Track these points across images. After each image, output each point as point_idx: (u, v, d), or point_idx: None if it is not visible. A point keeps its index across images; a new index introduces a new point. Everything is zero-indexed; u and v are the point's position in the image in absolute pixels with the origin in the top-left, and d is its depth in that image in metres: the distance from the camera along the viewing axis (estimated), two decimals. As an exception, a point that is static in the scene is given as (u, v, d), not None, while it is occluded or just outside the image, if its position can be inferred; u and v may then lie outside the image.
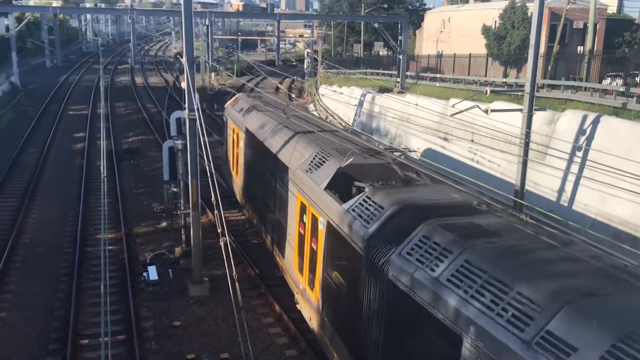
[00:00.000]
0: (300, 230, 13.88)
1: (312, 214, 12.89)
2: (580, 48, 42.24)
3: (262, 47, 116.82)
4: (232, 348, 13.78)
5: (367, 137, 16.67)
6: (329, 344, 12.01)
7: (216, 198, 11.39)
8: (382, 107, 37.80)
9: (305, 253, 13.47)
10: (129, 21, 53.23)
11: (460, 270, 7.86)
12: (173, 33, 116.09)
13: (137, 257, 18.76)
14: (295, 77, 61.40)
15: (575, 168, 22.02)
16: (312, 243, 12.91)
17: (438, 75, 42.28)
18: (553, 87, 29.49)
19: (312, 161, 13.76)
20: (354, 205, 10.93)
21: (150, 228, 21.22)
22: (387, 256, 9.28)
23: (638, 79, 29.76)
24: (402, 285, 8.70)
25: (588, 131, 22.42)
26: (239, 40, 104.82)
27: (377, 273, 9.43)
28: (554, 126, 24.09)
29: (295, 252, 14.27)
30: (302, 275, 13.68)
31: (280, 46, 66.46)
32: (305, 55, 61.23)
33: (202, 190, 16.49)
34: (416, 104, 30.15)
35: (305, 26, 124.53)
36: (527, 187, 20.78)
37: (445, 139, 28.80)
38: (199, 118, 14.61)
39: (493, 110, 20.70)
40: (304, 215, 13.50)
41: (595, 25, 34.72)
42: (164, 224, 21.24)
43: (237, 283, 10.12)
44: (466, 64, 42.67)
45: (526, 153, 19.70)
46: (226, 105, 25.18)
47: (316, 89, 54.23)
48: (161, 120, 39.60)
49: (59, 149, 32.93)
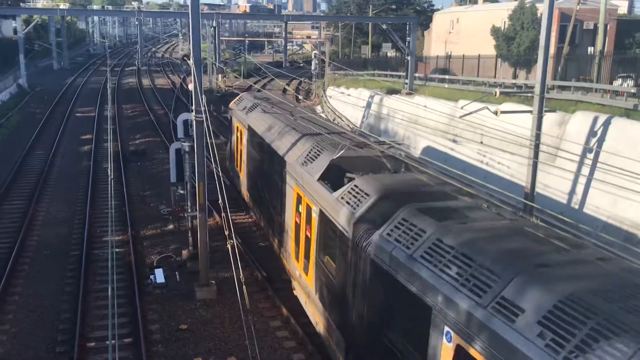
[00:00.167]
0: (296, 219, 14.63)
1: (307, 204, 13.62)
2: (590, 49, 41.97)
3: (269, 49, 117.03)
4: (239, 351, 13.66)
5: (367, 135, 16.73)
6: (321, 324, 12.75)
7: (223, 201, 11.28)
8: (390, 109, 37.63)
9: (301, 241, 14.19)
10: (136, 23, 53.23)
11: (432, 247, 8.71)
12: (180, 35, 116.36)
13: (144, 260, 18.67)
14: (302, 79, 61.35)
15: (586, 170, 21.78)
16: (307, 231, 13.63)
17: (447, 76, 42.02)
18: (563, 89, 29.22)
19: (308, 155, 14.57)
20: (343, 193, 11.73)
21: (157, 230, 21.14)
22: (370, 237, 10.11)
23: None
24: (382, 262, 9.54)
25: (599, 133, 22.18)
26: (246, 41, 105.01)
27: (361, 253, 10.28)
28: (565, 128, 23.87)
29: (292, 241, 14.99)
30: (298, 262, 14.41)
31: (287, 47, 66.41)
32: (312, 56, 61.10)
33: (209, 192, 16.39)
34: (425, 106, 29.95)
35: (312, 27, 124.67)
36: (537, 189, 20.55)
37: (454, 141, 28.59)
38: (206, 120, 14.51)
39: (503, 111, 20.48)
40: (300, 205, 14.27)
41: (605, 26, 34.42)
42: (171, 227, 21.15)
43: (244, 286, 10.01)
44: (475, 65, 42.45)
45: (536, 155, 19.49)
46: (231, 104, 25.87)
47: (324, 91, 54.14)
48: (168, 122, 39.60)
49: (66, 151, 32.97)
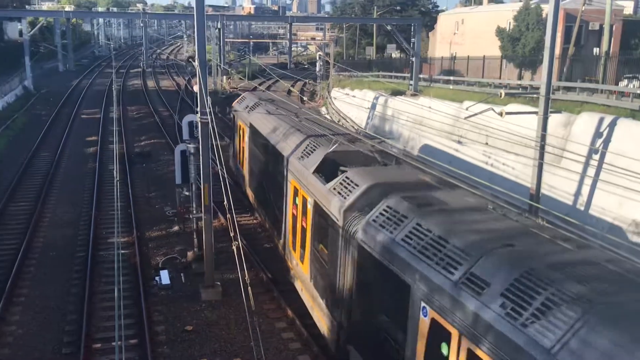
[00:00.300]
0: (293, 211, 15.39)
1: (303, 196, 14.39)
2: (596, 50, 41.81)
3: (274, 50, 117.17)
4: (245, 353, 13.66)
5: (372, 136, 17.14)
6: (315, 309, 13.49)
7: (228, 202, 11.28)
8: (395, 110, 37.60)
9: (297, 231, 14.93)
10: (141, 25, 53.39)
11: (412, 231, 9.51)
12: (185, 36, 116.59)
13: (149, 261, 18.70)
14: (307, 80, 61.35)
15: (591, 171, 21.71)
16: (303, 222, 14.40)
17: (451, 77, 41.96)
18: (569, 90, 29.14)
19: (304, 150, 15.40)
20: (335, 184, 12.55)
21: (162, 232, 21.17)
22: (358, 224, 10.96)
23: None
24: (368, 246, 10.36)
25: (604, 134, 22.11)
26: (251, 43, 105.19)
27: (350, 238, 11.14)
28: (570, 129, 23.80)
29: (290, 232, 15.78)
30: (295, 251, 15.17)
31: (292, 49, 66.45)
32: (317, 58, 61.13)
33: (214, 193, 16.41)
34: (430, 107, 29.93)
35: (317, 29, 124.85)
36: (543, 191, 20.50)
37: (459, 142, 28.55)
38: (211, 121, 14.54)
39: (508, 112, 20.46)
40: (297, 198, 15.02)
41: (611, 26, 34.34)
42: (176, 228, 21.18)
43: (250, 287, 10.01)
44: (480, 66, 42.37)
45: (542, 156, 19.45)
46: (234, 103, 26.62)
47: (328, 92, 54.13)
48: (173, 123, 39.67)
49: (72, 153, 33.06)
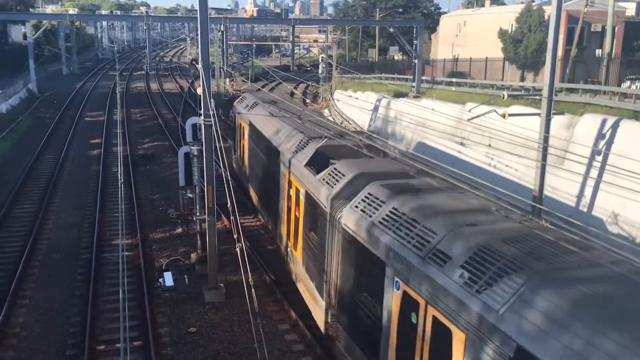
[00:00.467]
0: (287, 203, 16.36)
1: (296, 188, 15.32)
2: (598, 51, 41.79)
3: (277, 53, 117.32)
4: (248, 354, 13.69)
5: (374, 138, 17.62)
6: (306, 291, 14.47)
7: (232, 204, 11.32)
8: (398, 112, 37.63)
9: (291, 221, 15.89)
10: (144, 28, 53.53)
11: (388, 214, 10.40)
12: (188, 39, 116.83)
13: (153, 263, 18.75)
14: (310, 82, 61.42)
15: (594, 173, 21.70)
16: (296, 212, 15.35)
17: (454, 79, 41.97)
18: (571, 91, 29.14)
19: (298, 145, 16.40)
20: (324, 175, 13.50)
21: (165, 234, 21.23)
22: (342, 209, 11.91)
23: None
24: (351, 230, 11.28)
25: (607, 135, 22.11)
26: (254, 45, 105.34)
27: (336, 224, 12.10)
28: (573, 130, 23.80)
29: (284, 222, 16.72)
30: (290, 240, 16.16)
31: (294, 51, 66.54)
32: (319, 60, 61.22)
33: (218, 195, 16.46)
34: (432, 109, 29.95)
35: (319, 31, 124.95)
36: (546, 192, 20.50)
37: (462, 144, 28.56)
38: (215, 124, 14.59)
39: (510, 114, 20.48)
40: (291, 189, 15.98)
41: (613, 28, 34.31)
42: (180, 230, 21.23)
43: (253, 289, 10.04)
44: (482, 68, 42.38)
45: (544, 157, 19.45)
46: (235, 103, 27.52)
47: (331, 94, 54.20)
48: (176, 126, 39.76)
49: (76, 155, 33.16)
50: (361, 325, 11.13)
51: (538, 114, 19.78)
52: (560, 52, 31.59)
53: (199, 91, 16.06)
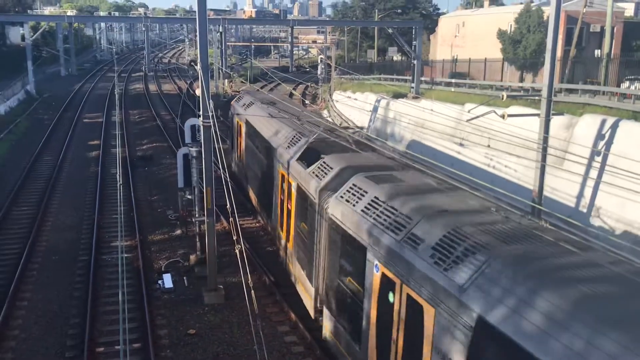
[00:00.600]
0: (280, 196, 17.16)
1: (289, 181, 16.08)
2: (597, 52, 41.81)
3: (275, 54, 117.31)
4: (248, 356, 13.67)
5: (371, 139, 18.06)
6: (298, 280, 15.23)
7: (231, 205, 11.29)
8: (397, 113, 37.62)
9: (284, 213, 16.67)
10: (143, 29, 53.49)
11: (370, 203, 11.18)
12: (186, 40, 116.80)
13: (152, 265, 18.71)
14: (309, 83, 61.40)
15: (594, 173, 21.69)
16: (288, 204, 16.11)
17: (453, 80, 41.97)
18: (570, 92, 29.17)
19: (291, 140, 17.16)
20: (314, 168, 14.28)
21: (164, 236, 21.19)
22: (329, 200, 12.69)
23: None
24: (336, 219, 12.07)
25: (607, 135, 22.11)
26: (252, 46, 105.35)
27: (323, 213, 12.89)
28: (572, 131, 23.80)
29: (278, 214, 17.49)
30: (283, 231, 16.89)
31: (293, 52, 66.53)
32: (318, 61, 61.21)
33: (217, 197, 16.43)
34: (431, 110, 29.94)
35: (318, 32, 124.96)
36: (545, 193, 20.49)
37: (461, 145, 28.55)
38: (214, 125, 14.56)
39: (510, 115, 20.46)
40: (284, 183, 16.74)
41: (612, 28, 34.33)
42: (179, 232, 21.19)
43: (252, 291, 10.01)
44: (482, 69, 42.38)
45: (544, 158, 19.43)
46: (232, 102, 28.52)
47: (330, 95, 54.18)
48: (175, 127, 39.73)
49: (74, 157, 33.10)
50: (345, 307, 11.90)
51: (537, 115, 19.77)
52: (559, 53, 31.58)
53: (198, 92, 16.04)
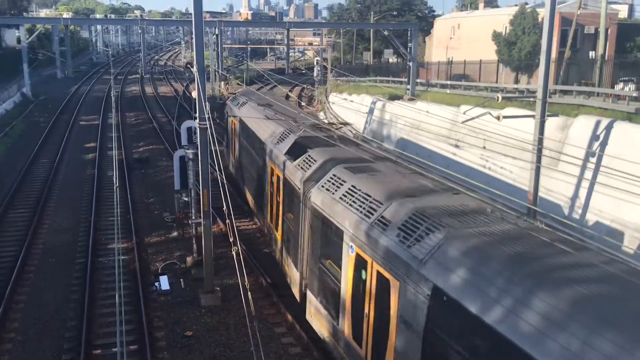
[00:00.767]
0: (270, 189, 17.95)
1: (277, 175, 16.89)
2: (591, 53, 41.99)
3: (272, 56, 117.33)
4: (245, 358, 13.69)
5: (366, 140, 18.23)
6: (286, 268, 16.07)
7: (228, 207, 11.32)
8: (393, 115, 37.71)
9: (273, 205, 17.57)
10: (139, 31, 53.48)
11: (347, 191, 12.13)
12: (182, 42, 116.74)
13: (149, 267, 18.73)
14: (305, 85, 61.45)
15: (589, 174, 21.80)
16: (277, 197, 16.94)
17: (448, 82, 42.09)
18: (565, 93, 29.28)
19: (280, 137, 18.03)
20: (300, 161, 15.26)
21: (161, 238, 21.20)
22: (311, 189, 13.63)
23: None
24: (317, 206, 13.01)
25: (601, 137, 22.23)
26: (248, 49, 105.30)
27: (307, 202, 13.85)
28: (567, 132, 23.91)
29: (268, 207, 18.32)
30: (272, 222, 17.72)
31: (289, 54, 66.57)
32: (314, 63, 61.26)
33: (213, 199, 16.46)
34: (427, 111, 30.03)
35: (314, 34, 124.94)
36: (540, 194, 20.57)
37: (456, 146, 28.65)
38: (210, 127, 14.60)
39: (505, 116, 20.55)
40: (273, 177, 17.55)
41: (606, 30, 34.49)
42: (175, 234, 21.22)
43: (249, 292, 10.04)
44: (477, 71, 42.51)
45: (539, 159, 19.53)
46: (227, 101, 29.76)
47: (326, 97, 54.23)
48: (171, 129, 39.73)
49: (71, 159, 33.08)
50: (325, 287, 12.90)
51: (532, 116, 19.88)
52: (554, 54, 31.73)
53: (194, 94, 16.05)
